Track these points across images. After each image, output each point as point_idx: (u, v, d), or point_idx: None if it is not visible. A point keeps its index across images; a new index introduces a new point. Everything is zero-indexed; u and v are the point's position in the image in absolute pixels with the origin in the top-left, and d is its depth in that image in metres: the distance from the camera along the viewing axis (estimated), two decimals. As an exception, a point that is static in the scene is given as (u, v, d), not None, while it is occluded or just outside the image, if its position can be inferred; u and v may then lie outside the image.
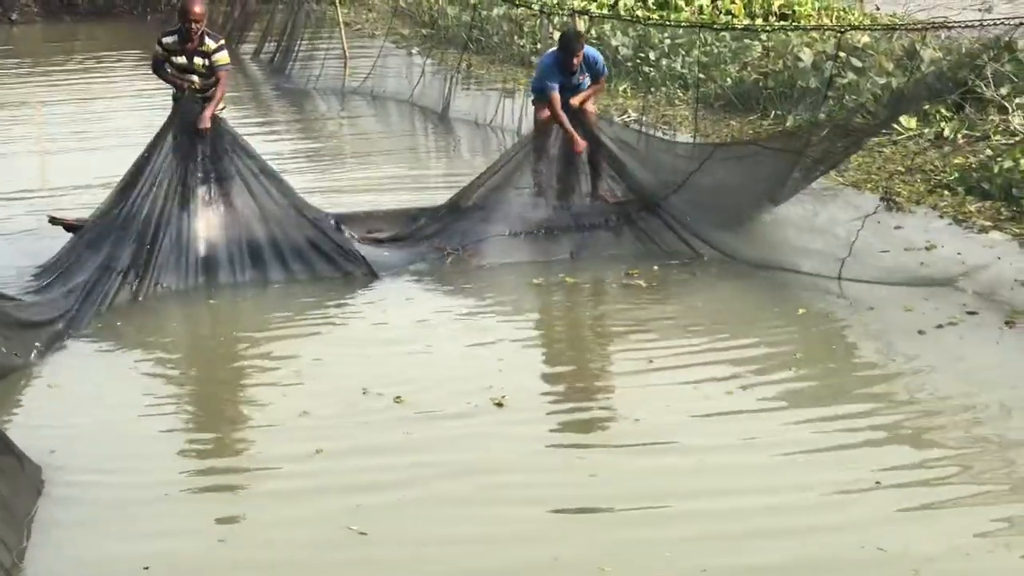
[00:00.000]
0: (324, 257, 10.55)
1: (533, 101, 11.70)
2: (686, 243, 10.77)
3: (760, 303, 9.89)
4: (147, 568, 6.15)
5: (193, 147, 10.43)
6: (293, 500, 6.83)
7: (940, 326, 9.00)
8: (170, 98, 10.84)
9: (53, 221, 11.04)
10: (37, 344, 9.04)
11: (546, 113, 11.13)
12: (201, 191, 10.45)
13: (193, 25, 10.38)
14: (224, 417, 8.29)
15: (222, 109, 10.72)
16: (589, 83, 11.14)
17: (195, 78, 10.55)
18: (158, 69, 10.72)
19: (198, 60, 10.48)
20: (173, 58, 10.54)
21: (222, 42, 10.90)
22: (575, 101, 11.00)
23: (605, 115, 11.92)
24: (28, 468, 7.21)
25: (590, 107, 11.28)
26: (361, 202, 12.21)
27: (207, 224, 10.47)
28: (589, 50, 11.28)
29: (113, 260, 10.10)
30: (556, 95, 10.91)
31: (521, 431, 7.60)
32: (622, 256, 10.80)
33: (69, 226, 10.84)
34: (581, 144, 10.95)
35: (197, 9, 10.42)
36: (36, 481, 7.16)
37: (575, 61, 10.89)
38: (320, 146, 15.85)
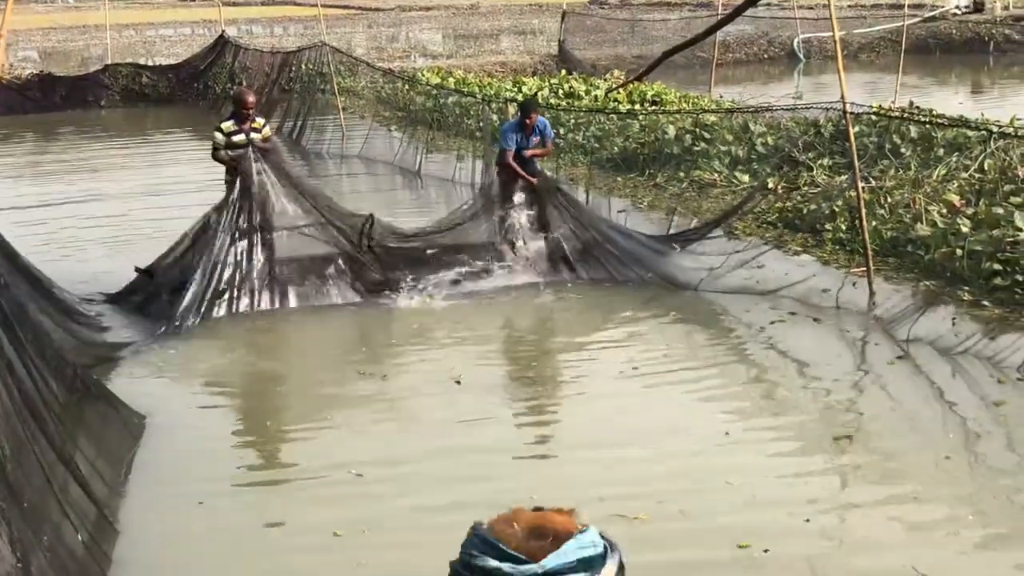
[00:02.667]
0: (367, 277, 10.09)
1: (496, 162, 11.23)
2: (608, 271, 10.71)
3: (647, 305, 9.97)
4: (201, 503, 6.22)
5: (259, 196, 9.94)
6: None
7: (773, 322, 9.18)
8: (223, 180, 10.33)
9: (137, 270, 10.10)
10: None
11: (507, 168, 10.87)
12: (263, 233, 9.96)
13: (247, 111, 10.28)
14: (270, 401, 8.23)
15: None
16: (536, 141, 10.84)
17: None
18: (217, 154, 10.27)
19: (254, 135, 10.26)
20: (232, 137, 10.21)
21: (266, 120, 11.00)
22: (528, 153, 10.78)
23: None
24: (130, 419, 7.10)
25: (537, 160, 11.09)
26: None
27: (269, 257, 9.97)
28: (541, 119, 11.01)
29: (205, 285, 9.54)
30: (510, 152, 10.70)
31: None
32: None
33: (145, 270, 10.07)
34: (532, 180, 10.73)
35: (251, 99, 10.47)
36: (137, 429, 7.07)
37: (528, 122, 10.69)
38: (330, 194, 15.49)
